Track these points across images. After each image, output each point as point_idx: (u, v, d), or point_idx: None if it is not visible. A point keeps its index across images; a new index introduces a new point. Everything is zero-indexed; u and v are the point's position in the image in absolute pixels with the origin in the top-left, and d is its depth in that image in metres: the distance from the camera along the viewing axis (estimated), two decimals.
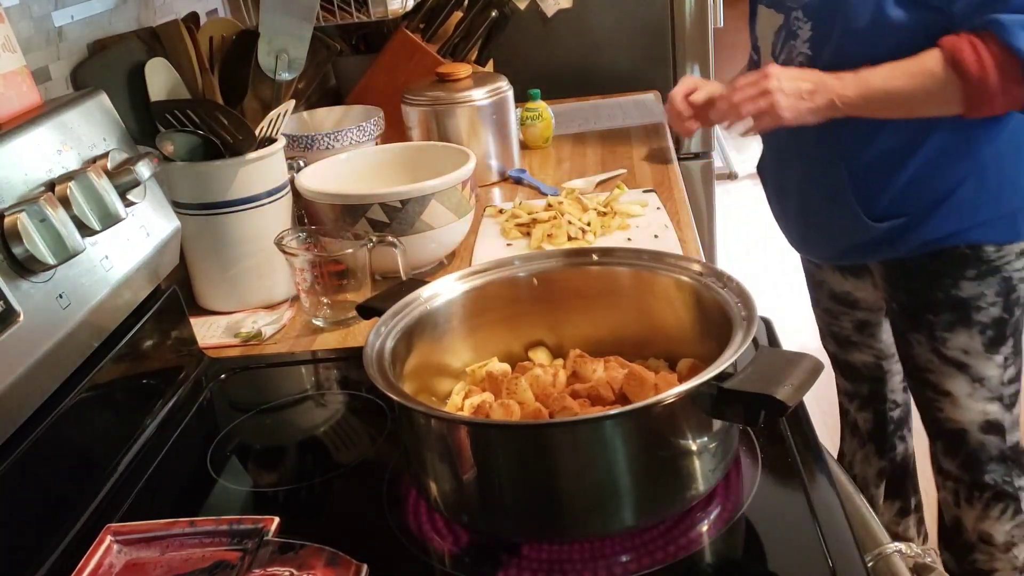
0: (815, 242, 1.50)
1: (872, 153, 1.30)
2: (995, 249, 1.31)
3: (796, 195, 1.45)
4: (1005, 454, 1.44)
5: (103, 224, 0.87)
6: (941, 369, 1.39)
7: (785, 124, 1.23)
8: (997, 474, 1.44)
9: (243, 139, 1.19)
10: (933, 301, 1.36)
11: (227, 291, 1.28)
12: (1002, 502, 1.46)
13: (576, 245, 1.38)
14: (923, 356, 1.40)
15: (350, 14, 1.80)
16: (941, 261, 1.33)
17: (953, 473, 1.47)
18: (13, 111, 0.92)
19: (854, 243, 1.39)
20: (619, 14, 2.28)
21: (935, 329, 1.37)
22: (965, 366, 1.37)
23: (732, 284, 0.82)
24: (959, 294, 1.33)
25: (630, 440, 0.70)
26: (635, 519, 0.73)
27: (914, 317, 1.39)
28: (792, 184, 1.45)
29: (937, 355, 1.38)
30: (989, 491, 1.45)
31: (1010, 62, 1.13)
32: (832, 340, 1.69)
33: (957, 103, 1.18)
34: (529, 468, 0.72)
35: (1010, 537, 1.48)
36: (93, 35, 1.24)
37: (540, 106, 1.93)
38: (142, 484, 0.91)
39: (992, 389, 1.39)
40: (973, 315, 1.34)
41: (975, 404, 1.40)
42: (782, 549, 0.74)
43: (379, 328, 0.83)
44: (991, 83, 1.15)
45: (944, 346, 1.37)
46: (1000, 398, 1.40)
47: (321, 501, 0.87)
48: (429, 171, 1.33)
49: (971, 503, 1.47)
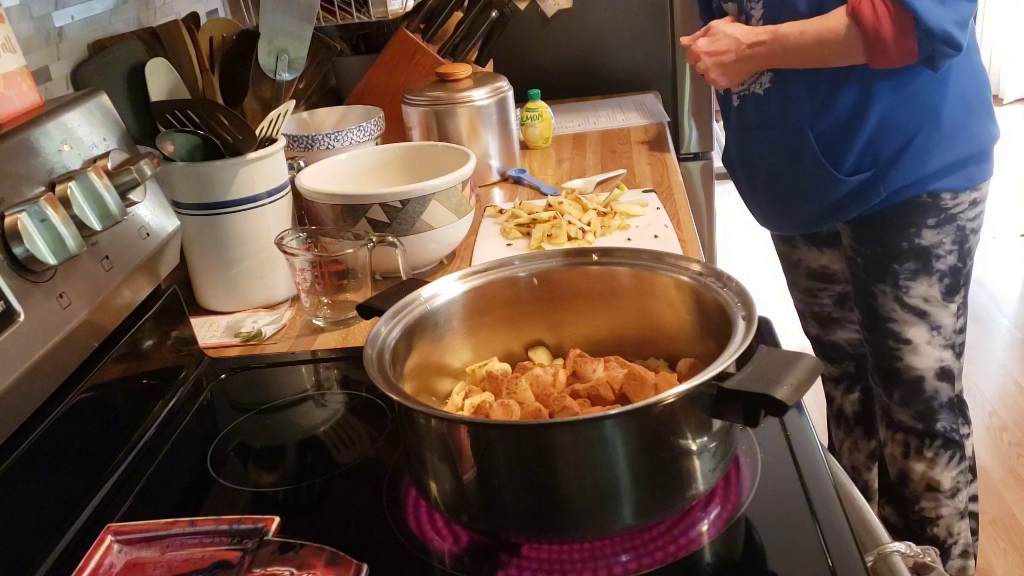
0: (788, 213, 1.57)
1: (832, 115, 1.41)
2: (951, 196, 1.43)
3: (765, 169, 1.53)
4: (952, 402, 1.55)
5: (103, 224, 0.87)
6: (903, 318, 1.49)
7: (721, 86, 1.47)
8: (946, 422, 1.55)
9: (243, 139, 1.19)
10: (899, 251, 1.46)
11: (227, 291, 1.28)
12: (949, 450, 1.57)
13: (576, 245, 1.38)
14: (887, 306, 1.50)
15: (350, 14, 1.80)
16: (906, 211, 1.44)
17: (905, 423, 1.57)
18: (13, 111, 0.92)
19: (826, 204, 1.48)
20: (619, 14, 2.28)
21: (899, 278, 1.47)
22: (925, 314, 1.48)
23: (732, 284, 0.82)
24: (921, 243, 1.45)
25: (630, 440, 0.70)
26: (635, 519, 0.73)
27: (880, 268, 1.49)
28: (760, 159, 1.53)
29: (900, 303, 1.48)
30: (940, 439, 1.56)
31: (902, 15, 1.27)
32: (814, 321, 1.74)
33: (859, 53, 1.32)
34: (529, 468, 0.72)
35: (955, 484, 1.59)
36: (93, 35, 1.24)
37: (540, 106, 1.94)
38: (142, 484, 0.91)
39: (947, 337, 1.50)
40: (934, 263, 1.45)
41: (933, 351, 1.50)
42: (782, 549, 0.74)
43: (379, 328, 0.83)
44: (884, 34, 1.28)
45: (907, 295, 1.47)
46: (952, 346, 1.52)
47: (321, 501, 0.87)
48: (429, 171, 1.33)
49: (921, 452, 1.57)
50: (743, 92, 1.50)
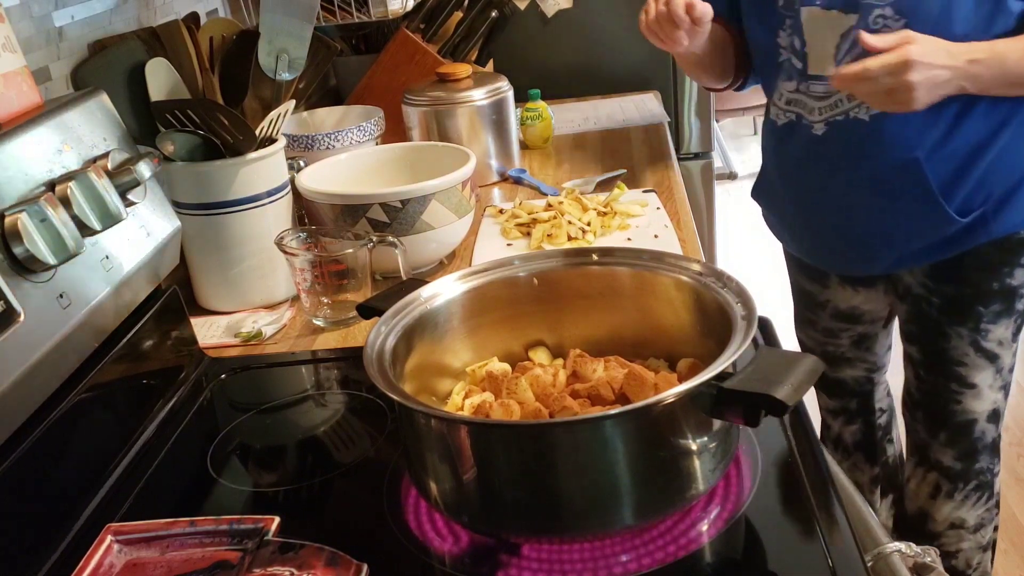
0: (867, 257, 1.38)
1: (951, 148, 1.23)
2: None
3: (843, 207, 1.34)
4: (995, 442, 1.45)
5: (103, 224, 0.87)
6: (975, 362, 1.38)
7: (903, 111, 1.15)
8: (984, 462, 1.46)
9: (243, 139, 1.19)
10: (986, 292, 1.32)
11: (227, 291, 1.28)
12: (981, 490, 1.48)
13: (576, 245, 1.38)
14: (960, 349, 1.37)
15: (350, 14, 1.81)
16: (1003, 250, 1.30)
17: (943, 464, 1.46)
18: (13, 111, 0.92)
19: (924, 245, 1.31)
20: (619, 14, 2.28)
21: (981, 320, 1.34)
22: (996, 357, 1.37)
23: (732, 284, 0.82)
24: (1011, 283, 1.32)
25: (630, 440, 0.70)
26: (635, 518, 0.73)
27: (961, 309, 1.35)
28: (839, 195, 1.33)
29: (975, 347, 1.36)
30: (975, 480, 1.46)
31: None
32: (825, 359, 1.63)
33: None
34: (529, 468, 0.72)
35: (980, 520, 1.50)
36: (93, 35, 1.24)
37: (540, 106, 1.94)
38: (142, 484, 0.91)
39: (1003, 378, 1.40)
40: (1015, 304, 1.34)
41: (992, 394, 1.40)
42: (782, 549, 0.74)
43: (379, 328, 0.83)
44: None
45: (985, 339, 1.35)
46: (1005, 387, 1.42)
47: (321, 501, 0.87)
48: (429, 171, 1.33)
49: (952, 496, 1.48)
50: (833, 118, 1.28)
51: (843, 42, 1.23)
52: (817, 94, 1.29)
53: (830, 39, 1.24)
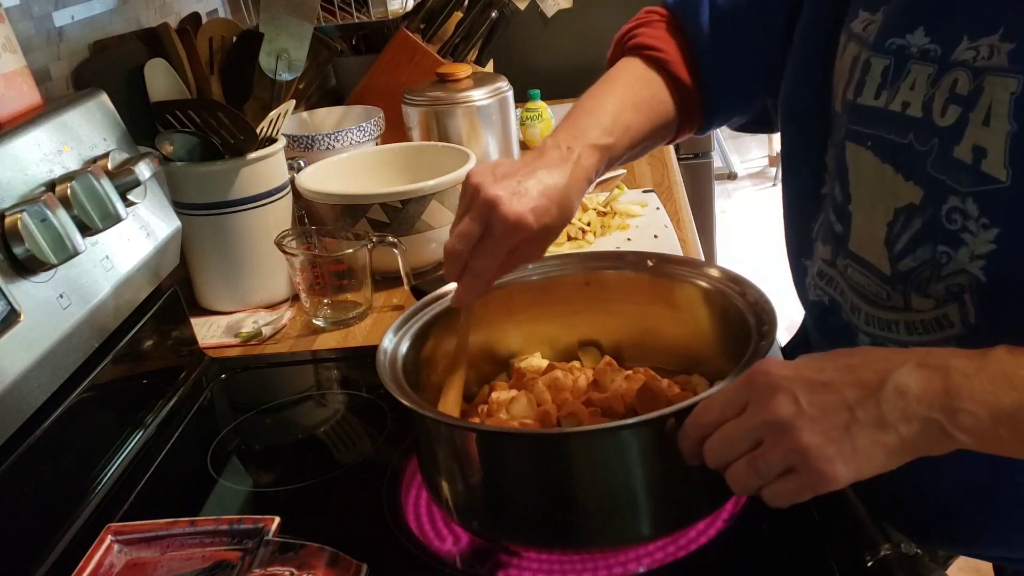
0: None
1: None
2: None
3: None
4: None
5: (104, 224, 0.87)
6: None
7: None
8: None
9: (244, 139, 1.19)
10: None
11: (227, 291, 1.28)
12: None
13: (576, 245, 1.38)
14: None
15: (350, 14, 1.81)
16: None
17: None
18: (13, 111, 0.92)
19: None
20: (619, 14, 2.27)
21: None
22: None
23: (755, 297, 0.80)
24: None
25: (645, 451, 0.68)
26: (651, 531, 0.72)
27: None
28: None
29: None
30: None
31: None
32: None
33: None
34: (540, 477, 0.71)
35: None
36: (93, 35, 1.24)
37: (540, 106, 1.94)
38: (142, 484, 0.91)
39: None
40: None
41: None
42: (782, 549, 0.74)
43: (394, 330, 0.83)
44: None
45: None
46: None
47: (321, 501, 0.87)
48: (429, 171, 1.33)
49: None
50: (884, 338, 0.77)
51: (896, 220, 0.73)
52: (859, 286, 0.79)
53: (880, 209, 0.75)
